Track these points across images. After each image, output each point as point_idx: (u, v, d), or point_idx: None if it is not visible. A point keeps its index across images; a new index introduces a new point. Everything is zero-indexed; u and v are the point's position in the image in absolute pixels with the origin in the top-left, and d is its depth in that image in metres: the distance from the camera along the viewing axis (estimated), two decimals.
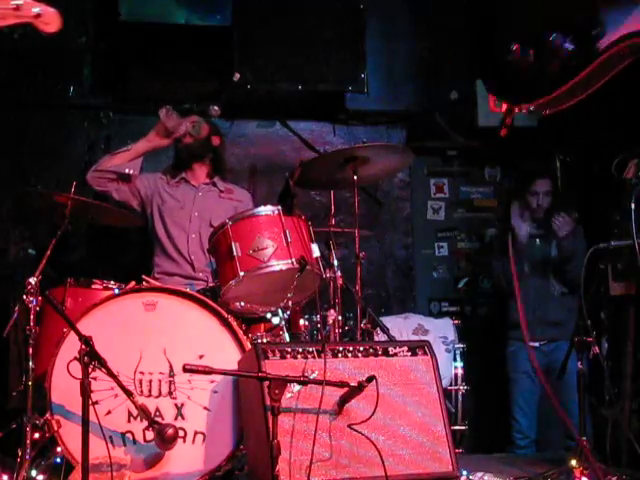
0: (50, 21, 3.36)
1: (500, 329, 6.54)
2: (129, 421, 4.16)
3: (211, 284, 5.30)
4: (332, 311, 4.85)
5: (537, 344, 6.20)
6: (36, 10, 3.30)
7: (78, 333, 3.70)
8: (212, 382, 4.25)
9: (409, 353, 4.18)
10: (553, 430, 6.31)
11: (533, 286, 6.25)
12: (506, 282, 6.24)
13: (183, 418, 4.22)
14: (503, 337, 6.46)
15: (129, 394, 3.87)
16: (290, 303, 4.63)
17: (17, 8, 3.26)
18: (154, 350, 4.26)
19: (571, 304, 6.19)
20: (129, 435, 4.15)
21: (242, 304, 4.67)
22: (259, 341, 4.54)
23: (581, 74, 2.39)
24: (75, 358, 3.62)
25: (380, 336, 5.24)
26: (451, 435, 4.07)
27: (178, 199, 5.67)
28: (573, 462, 4.50)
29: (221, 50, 6.27)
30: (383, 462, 3.81)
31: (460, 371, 5.72)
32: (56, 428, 4.05)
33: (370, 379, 3.80)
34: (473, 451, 5.95)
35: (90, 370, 3.59)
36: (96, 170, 5.59)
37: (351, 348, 4.10)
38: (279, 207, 4.63)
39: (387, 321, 5.45)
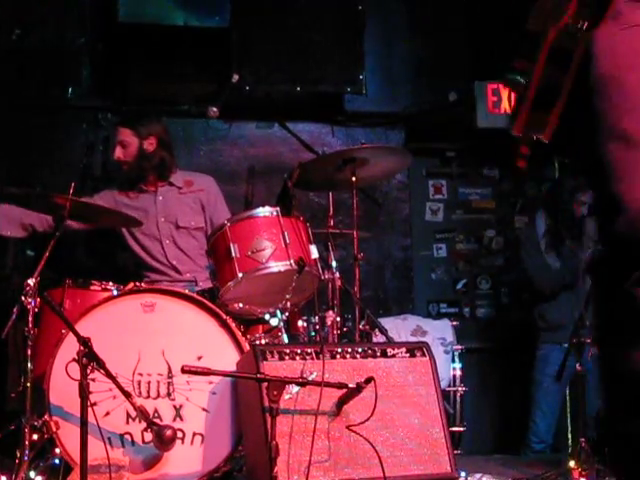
0: None
1: (532, 331, 6.48)
2: (127, 422, 4.16)
3: (201, 283, 5.31)
4: (330, 312, 4.85)
5: None
6: None
7: (76, 334, 3.70)
8: (210, 383, 4.24)
9: (407, 354, 4.18)
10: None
11: (572, 284, 6.21)
12: (549, 284, 6.22)
13: (181, 419, 4.22)
14: (534, 339, 6.39)
15: (127, 395, 3.86)
16: (289, 304, 4.63)
17: None
18: (153, 351, 4.25)
19: None
20: (127, 436, 4.15)
21: (241, 305, 4.67)
22: (257, 342, 4.53)
23: None
24: (73, 359, 3.62)
25: (378, 337, 5.24)
26: (449, 436, 4.07)
27: (140, 210, 5.51)
28: (572, 463, 4.50)
29: (219, 51, 6.28)
30: (381, 463, 3.81)
31: (458, 372, 5.72)
32: (54, 429, 4.04)
33: (368, 380, 3.80)
34: (471, 452, 5.96)
35: (88, 371, 3.59)
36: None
37: (349, 349, 4.10)
38: (277, 208, 4.63)
39: (385, 322, 5.45)
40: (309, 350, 4.02)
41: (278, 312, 4.62)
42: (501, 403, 7.01)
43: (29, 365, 4.09)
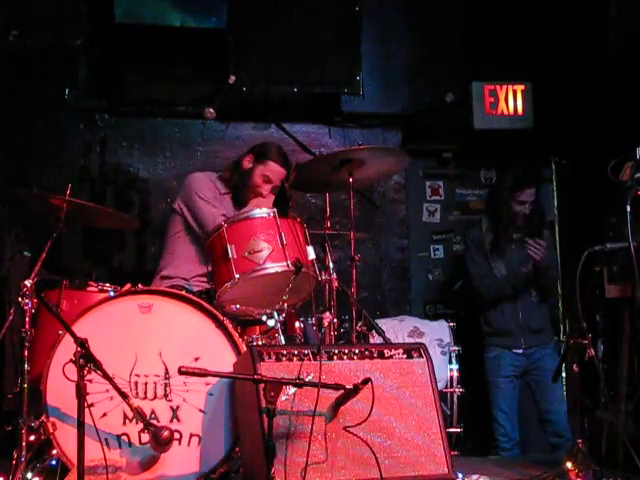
0: None
1: (478, 334, 6.46)
2: (124, 423, 4.16)
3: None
4: (327, 313, 4.85)
5: (521, 351, 6.19)
6: None
7: (74, 335, 3.70)
8: (207, 384, 4.25)
9: (404, 355, 4.18)
10: (533, 430, 6.33)
11: (514, 292, 6.20)
12: (493, 290, 6.20)
13: (178, 420, 4.22)
14: (482, 343, 6.38)
15: (124, 396, 3.86)
16: (285, 305, 4.63)
17: None
18: (149, 352, 4.26)
19: (546, 311, 6.30)
20: (124, 437, 4.15)
21: (238, 306, 4.67)
22: (254, 343, 4.54)
23: None
24: (70, 360, 3.63)
25: (375, 338, 5.24)
26: (446, 437, 4.07)
27: (224, 212, 5.49)
28: (568, 464, 4.50)
29: (216, 52, 6.28)
30: (379, 464, 3.82)
31: (455, 373, 5.71)
32: (52, 430, 4.05)
33: (365, 381, 3.81)
34: (468, 453, 5.95)
35: (85, 372, 3.59)
36: None
37: (346, 350, 4.11)
38: (274, 209, 4.64)
39: (382, 323, 5.45)
40: (306, 351, 4.03)
41: (275, 313, 4.62)
42: None
43: (26, 366, 4.09)
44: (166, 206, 6.37)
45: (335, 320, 4.89)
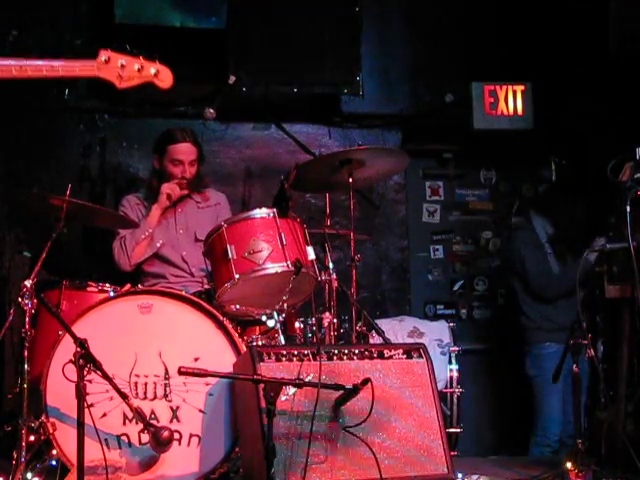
0: (165, 78, 4.06)
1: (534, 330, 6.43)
2: (124, 424, 4.16)
3: (206, 286, 5.29)
4: (327, 314, 4.85)
5: None
6: (154, 70, 4.05)
7: (73, 336, 3.70)
8: (207, 385, 4.25)
9: (404, 356, 4.18)
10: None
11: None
12: (552, 289, 6.23)
13: (178, 421, 4.22)
14: (540, 338, 6.34)
15: (124, 397, 3.87)
16: (285, 306, 4.63)
17: (140, 70, 4.03)
18: (149, 353, 4.26)
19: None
20: (124, 438, 4.15)
21: (237, 307, 4.67)
22: (254, 344, 4.53)
23: None
24: (70, 361, 3.63)
25: (375, 339, 5.24)
26: (446, 438, 4.07)
27: (160, 220, 5.51)
28: (568, 464, 4.50)
29: (216, 53, 6.28)
30: (378, 464, 3.82)
31: (455, 374, 5.70)
32: (51, 431, 4.05)
33: (365, 382, 3.81)
34: (468, 454, 5.95)
35: (85, 373, 3.59)
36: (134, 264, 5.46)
37: (346, 351, 4.11)
38: (274, 210, 4.64)
39: (382, 324, 5.44)
40: (306, 351, 4.02)
41: (275, 313, 4.62)
42: (498, 404, 7.00)
43: (26, 366, 4.09)
44: None
45: (335, 320, 4.89)
